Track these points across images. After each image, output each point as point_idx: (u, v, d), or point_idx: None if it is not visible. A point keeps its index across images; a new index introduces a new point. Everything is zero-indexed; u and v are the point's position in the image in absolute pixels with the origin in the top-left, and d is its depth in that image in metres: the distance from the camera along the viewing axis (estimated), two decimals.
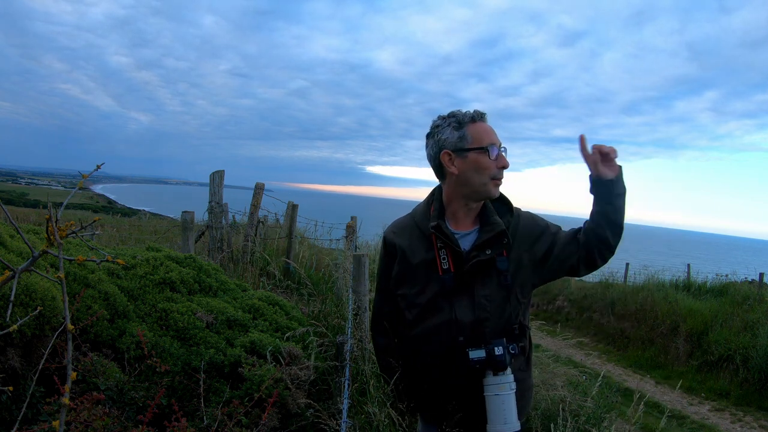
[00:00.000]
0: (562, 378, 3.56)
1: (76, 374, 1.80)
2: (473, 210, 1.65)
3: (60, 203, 1.24)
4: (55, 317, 2.11)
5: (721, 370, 7.45)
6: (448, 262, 1.59)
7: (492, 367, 1.52)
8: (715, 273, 12.12)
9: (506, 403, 1.50)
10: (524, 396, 1.71)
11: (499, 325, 1.58)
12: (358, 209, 15.26)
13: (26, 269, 1.11)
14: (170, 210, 21.86)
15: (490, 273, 1.58)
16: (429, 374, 1.68)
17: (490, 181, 1.58)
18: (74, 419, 1.67)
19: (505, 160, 1.60)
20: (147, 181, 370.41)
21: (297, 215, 6.99)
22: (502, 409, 1.50)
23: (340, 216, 7.35)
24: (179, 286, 3.10)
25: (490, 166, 1.57)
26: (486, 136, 1.58)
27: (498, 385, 1.51)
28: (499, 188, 1.61)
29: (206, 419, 2.22)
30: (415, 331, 1.66)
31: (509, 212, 1.66)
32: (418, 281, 1.65)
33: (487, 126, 1.61)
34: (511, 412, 1.50)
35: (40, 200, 37.98)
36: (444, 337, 1.59)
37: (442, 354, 1.61)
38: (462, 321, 1.57)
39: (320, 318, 3.88)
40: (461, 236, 1.63)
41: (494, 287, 1.58)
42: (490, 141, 1.58)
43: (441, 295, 1.60)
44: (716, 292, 10.25)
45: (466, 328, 1.57)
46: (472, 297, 1.57)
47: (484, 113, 1.62)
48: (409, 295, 1.67)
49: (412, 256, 1.66)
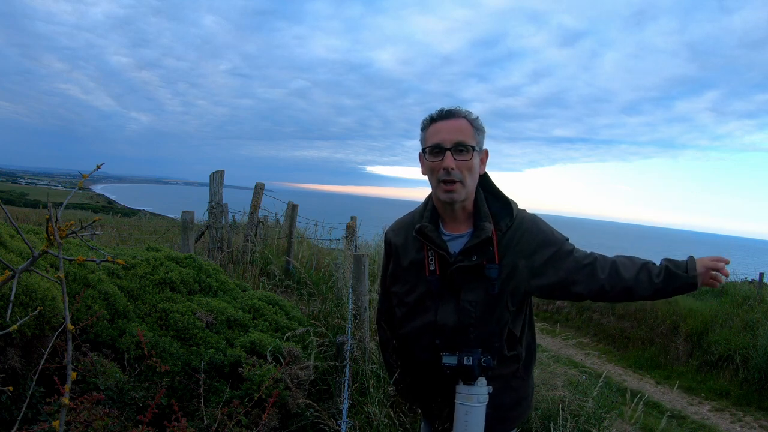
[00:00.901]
0: (562, 378, 3.56)
1: (76, 374, 1.80)
2: (459, 211, 1.57)
3: (60, 203, 1.24)
4: (55, 317, 2.10)
5: (721, 370, 7.44)
6: (434, 264, 1.56)
7: (461, 375, 1.48)
8: None
9: (470, 414, 1.45)
10: (519, 405, 1.67)
11: (483, 334, 1.53)
12: (358, 209, 15.24)
13: (26, 269, 1.11)
14: (170, 210, 21.86)
15: (477, 279, 1.52)
16: (415, 373, 1.70)
17: (438, 184, 1.51)
18: (74, 419, 1.67)
19: (447, 160, 1.46)
20: (147, 181, 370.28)
21: (297, 215, 6.99)
22: (465, 420, 1.46)
23: (340, 216, 7.34)
24: (179, 286, 3.10)
25: (434, 167, 1.49)
26: (434, 136, 1.49)
27: (466, 395, 1.47)
28: (451, 193, 1.49)
29: (206, 419, 2.22)
30: (403, 329, 1.67)
31: (508, 216, 1.56)
32: (408, 281, 1.65)
33: (443, 124, 1.50)
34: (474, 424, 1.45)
35: (40, 200, 37.98)
36: (425, 338, 1.59)
37: (424, 355, 1.61)
38: (443, 324, 1.54)
39: (320, 318, 3.88)
40: (452, 238, 1.58)
41: (480, 294, 1.53)
42: (434, 141, 1.48)
43: (428, 297, 1.59)
44: (716, 292, 10.25)
45: (446, 332, 1.54)
46: (458, 301, 1.54)
47: (450, 110, 1.51)
48: (399, 294, 1.68)
49: (404, 255, 1.66)
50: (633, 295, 1.52)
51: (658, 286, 1.50)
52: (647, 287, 1.50)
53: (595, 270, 1.52)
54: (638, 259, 1.57)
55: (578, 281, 1.53)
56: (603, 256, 1.58)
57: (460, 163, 1.48)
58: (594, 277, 1.52)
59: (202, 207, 6.37)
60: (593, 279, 1.52)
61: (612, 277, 1.51)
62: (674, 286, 1.49)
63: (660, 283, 1.49)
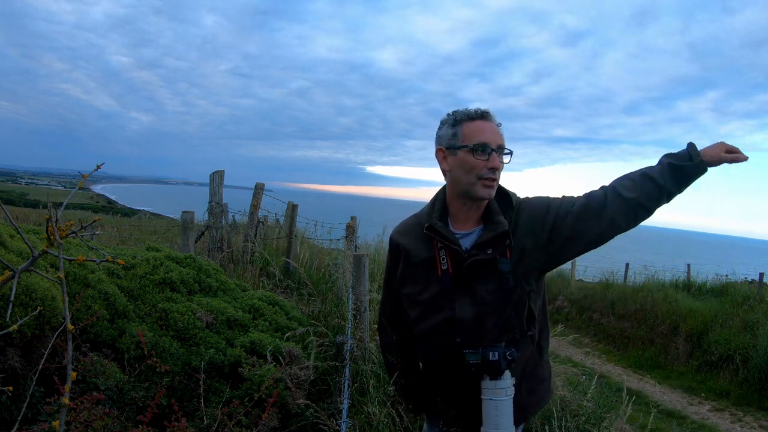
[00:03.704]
0: (562, 378, 3.56)
1: (76, 374, 1.80)
2: (474, 210, 1.60)
3: (60, 203, 1.24)
4: (55, 317, 2.11)
5: (721, 370, 7.45)
6: (447, 263, 1.57)
7: (487, 372, 1.49)
8: (715, 273, 12.13)
9: (500, 408, 1.48)
10: (535, 391, 1.65)
11: (499, 325, 1.54)
12: (358, 209, 15.24)
13: (26, 269, 1.11)
14: (170, 210, 21.85)
15: (491, 274, 1.54)
16: (430, 372, 1.68)
17: (477, 181, 1.53)
18: (74, 419, 1.67)
19: (495, 161, 1.51)
20: (147, 181, 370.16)
21: (297, 215, 6.99)
22: (495, 414, 1.48)
23: (340, 216, 7.34)
24: (179, 286, 3.10)
25: (477, 165, 1.51)
26: (478, 135, 1.52)
27: (493, 390, 1.48)
28: (490, 189, 1.54)
29: (206, 419, 2.22)
30: (417, 329, 1.66)
31: (510, 208, 1.59)
32: (420, 280, 1.65)
33: (484, 124, 1.55)
34: (504, 417, 1.48)
35: (40, 200, 37.98)
36: (443, 336, 1.58)
37: (441, 353, 1.60)
38: (462, 319, 1.55)
39: (320, 318, 3.88)
40: (462, 236, 1.59)
41: (495, 287, 1.54)
42: (480, 140, 1.52)
43: (442, 296, 1.59)
44: (716, 292, 10.26)
45: (465, 327, 1.55)
46: (474, 294, 1.55)
47: (486, 111, 1.56)
48: (412, 294, 1.67)
49: (415, 255, 1.66)
50: (648, 210, 1.49)
51: (668, 188, 1.47)
52: (657, 194, 1.48)
53: (599, 207, 1.50)
54: (634, 172, 1.54)
55: (588, 229, 1.51)
56: (602, 187, 1.55)
57: (502, 165, 1.55)
58: (600, 215, 1.50)
59: (202, 207, 6.37)
60: (600, 217, 1.50)
61: (618, 206, 1.49)
62: (683, 178, 1.47)
63: (668, 183, 1.47)
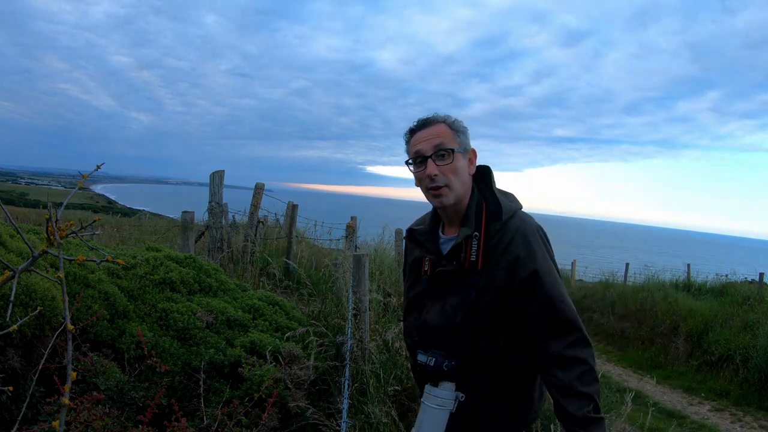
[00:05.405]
0: None
1: (76, 374, 1.80)
2: (452, 215, 1.58)
3: (60, 203, 1.24)
4: (55, 317, 2.11)
5: (721, 370, 7.45)
6: (428, 266, 1.63)
7: (426, 375, 1.53)
8: (715, 273, 12.14)
9: (427, 414, 1.43)
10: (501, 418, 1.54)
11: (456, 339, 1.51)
12: (358, 209, 15.27)
13: (26, 269, 1.11)
14: (170, 210, 21.86)
15: (457, 284, 1.52)
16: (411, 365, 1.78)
17: (427, 192, 1.53)
18: (74, 419, 1.67)
19: (429, 168, 1.46)
20: (147, 181, 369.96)
21: (297, 215, 6.99)
22: (422, 418, 1.45)
23: (340, 216, 7.35)
24: (179, 286, 3.10)
25: (419, 176, 1.53)
26: (413, 147, 1.53)
27: (428, 394, 1.47)
28: (439, 198, 1.50)
29: (206, 419, 2.22)
30: (403, 321, 1.77)
31: (497, 220, 1.50)
32: (412, 277, 1.72)
33: (420, 134, 1.51)
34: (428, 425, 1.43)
35: (40, 200, 37.97)
36: (412, 333, 1.67)
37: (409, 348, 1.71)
38: (428, 323, 1.58)
39: (320, 318, 3.88)
40: (445, 240, 1.61)
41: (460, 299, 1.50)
42: (413, 151, 1.52)
43: (423, 295, 1.65)
44: (716, 292, 10.27)
45: (428, 331, 1.58)
46: (444, 305, 1.56)
47: (425, 119, 1.53)
48: (406, 289, 1.77)
49: (410, 253, 1.75)
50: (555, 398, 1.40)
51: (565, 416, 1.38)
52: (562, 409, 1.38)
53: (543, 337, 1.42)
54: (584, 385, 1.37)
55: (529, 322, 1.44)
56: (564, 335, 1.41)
57: (443, 168, 1.48)
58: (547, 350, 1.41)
59: (202, 207, 6.37)
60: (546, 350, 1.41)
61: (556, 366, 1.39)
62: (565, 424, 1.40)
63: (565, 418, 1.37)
